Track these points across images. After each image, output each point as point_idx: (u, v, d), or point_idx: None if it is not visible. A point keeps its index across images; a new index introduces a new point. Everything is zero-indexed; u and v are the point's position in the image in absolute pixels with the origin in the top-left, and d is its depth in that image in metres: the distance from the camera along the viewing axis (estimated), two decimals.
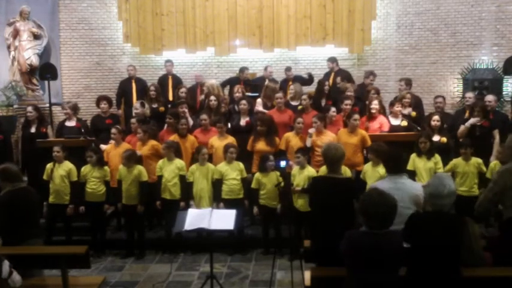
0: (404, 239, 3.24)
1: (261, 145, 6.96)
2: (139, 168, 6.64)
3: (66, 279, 4.55)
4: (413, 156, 6.48)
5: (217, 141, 7.09)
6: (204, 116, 7.39)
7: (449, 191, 3.32)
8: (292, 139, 6.99)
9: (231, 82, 9.45)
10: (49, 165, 6.70)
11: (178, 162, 6.70)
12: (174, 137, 7.16)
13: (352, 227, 3.42)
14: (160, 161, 6.75)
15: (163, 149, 6.74)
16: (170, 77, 9.80)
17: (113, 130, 7.08)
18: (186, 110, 7.63)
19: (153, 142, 7.07)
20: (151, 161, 6.97)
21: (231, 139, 7.07)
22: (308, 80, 9.34)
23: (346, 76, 9.32)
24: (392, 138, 6.98)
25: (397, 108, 7.52)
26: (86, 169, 6.76)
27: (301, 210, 6.23)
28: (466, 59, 10.00)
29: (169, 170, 6.67)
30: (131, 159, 6.57)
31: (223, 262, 6.41)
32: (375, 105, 7.45)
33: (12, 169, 4.82)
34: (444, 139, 6.95)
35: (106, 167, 6.80)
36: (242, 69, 9.56)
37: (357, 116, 6.91)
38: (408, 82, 8.87)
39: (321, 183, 4.27)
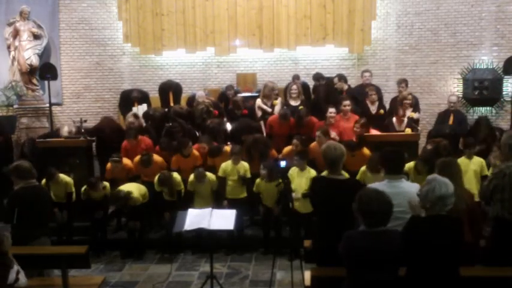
0: (404, 239, 3.23)
1: (255, 164, 6.80)
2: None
3: (66, 279, 4.56)
4: (411, 169, 6.21)
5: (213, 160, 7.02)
6: (203, 145, 7.05)
7: (452, 191, 3.29)
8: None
9: (222, 99, 9.15)
10: (43, 182, 6.54)
11: (176, 178, 6.67)
12: (176, 157, 6.99)
13: (352, 228, 3.42)
14: (157, 178, 6.65)
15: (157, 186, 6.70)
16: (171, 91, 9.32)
17: (115, 158, 6.87)
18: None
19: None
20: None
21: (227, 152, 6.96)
22: None
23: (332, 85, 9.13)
24: (393, 138, 6.99)
25: (401, 113, 7.47)
26: None
27: (300, 211, 6.23)
28: (466, 59, 10.00)
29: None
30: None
31: (223, 262, 6.41)
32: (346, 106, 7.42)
33: (24, 166, 4.84)
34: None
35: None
36: (228, 87, 9.33)
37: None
38: (407, 83, 8.88)
39: (321, 183, 4.26)
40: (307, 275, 4.08)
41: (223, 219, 5.06)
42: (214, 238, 5.64)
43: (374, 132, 7.34)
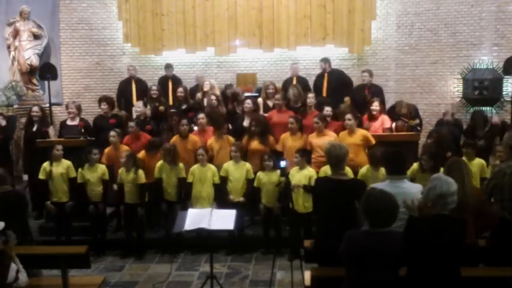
0: (404, 240, 3.23)
1: (255, 145, 6.96)
2: (138, 172, 6.57)
3: (66, 279, 4.56)
4: (416, 170, 6.08)
5: (216, 143, 7.08)
6: (201, 115, 7.34)
7: (453, 189, 3.29)
8: (288, 140, 6.98)
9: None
10: (45, 164, 6.67)
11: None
12: (175, 138, 7.15)
13: (354, 228, 3.41)
14: (159, 163, 6.72)
15: (162, 154, 6.67)
16: (170, 80, 9.66)
17: (112, 133, 6.99)
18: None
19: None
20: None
21: (230, 140, 7.06)
22: None
23: (339, 76, 9.20)
24: (393, 138, 6.98)
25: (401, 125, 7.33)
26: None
27: (300, 211, 6.23)
28: (466, 59, 9.99)
29: (168, 172, 6.68)
30: (130, 161, 6.53)
31: (223, 262, 6.41)
32: (375, 106, 7.42)
33: None
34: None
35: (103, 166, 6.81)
36: (227, 86, 9.19)
37: (349, 116, 6.79)
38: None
39: (324, 184, 4.26)
40: (307, 275, 4.09)
41: (223, 219, 5.06)
42: (214, 238, 5.63)
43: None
